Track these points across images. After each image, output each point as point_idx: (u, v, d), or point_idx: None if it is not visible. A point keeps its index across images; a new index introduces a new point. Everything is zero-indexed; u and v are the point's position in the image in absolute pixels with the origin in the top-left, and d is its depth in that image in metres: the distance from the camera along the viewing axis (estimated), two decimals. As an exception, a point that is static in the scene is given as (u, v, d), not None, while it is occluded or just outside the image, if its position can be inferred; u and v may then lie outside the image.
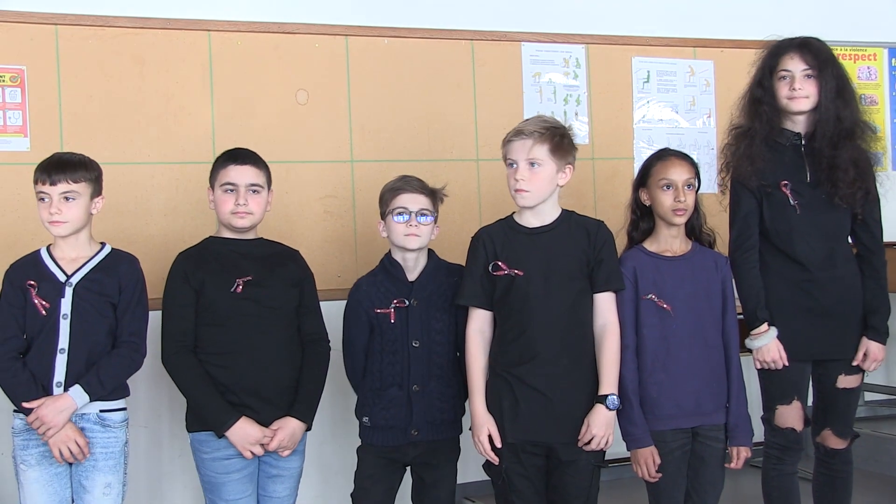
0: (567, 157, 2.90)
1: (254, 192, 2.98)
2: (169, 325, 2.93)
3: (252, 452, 2.86)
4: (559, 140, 2.88)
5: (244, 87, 3.98)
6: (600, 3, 4.61)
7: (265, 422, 2.90)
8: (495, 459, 2.85)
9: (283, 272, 3.02)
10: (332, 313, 3.20)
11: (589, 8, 4.58)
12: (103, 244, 2.97)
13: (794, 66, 3.01)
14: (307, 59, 4.07)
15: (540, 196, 2.88)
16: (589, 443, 2.82)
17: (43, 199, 2.85)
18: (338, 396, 3.77)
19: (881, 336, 3.07)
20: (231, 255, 2.98)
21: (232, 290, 2.91)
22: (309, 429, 2.99)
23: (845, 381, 3.09)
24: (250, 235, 3.04)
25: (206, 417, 2.89)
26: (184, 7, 3.91)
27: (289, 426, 2.91)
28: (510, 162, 2.88)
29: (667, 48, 4.65)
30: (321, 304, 3.35)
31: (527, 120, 2.98)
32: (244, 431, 2.85)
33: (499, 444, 2.84)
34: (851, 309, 3.07)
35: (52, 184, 2.83)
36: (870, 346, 3.07)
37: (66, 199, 2.84)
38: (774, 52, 3.07)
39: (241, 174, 2.97)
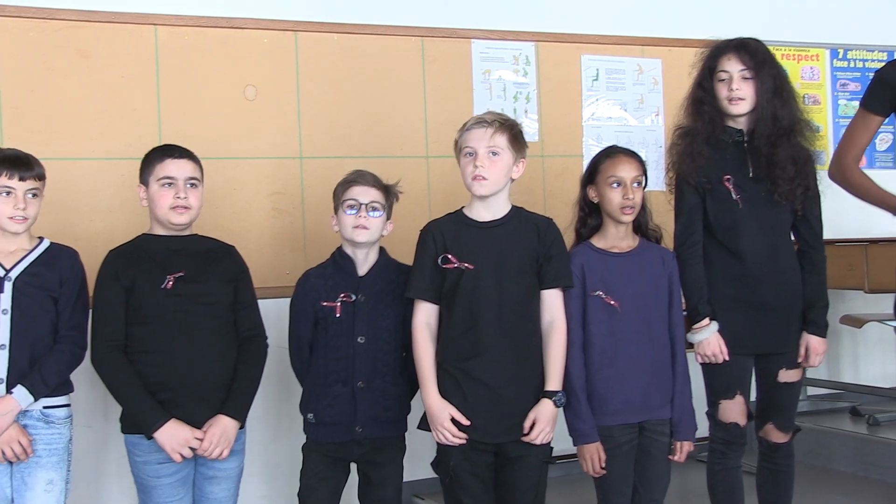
0: (522, 150, 2.93)
1: (192, 185, 2.95)
2: (98, 324, 2.88)
3: (182, 455, 2.82)
4: (517, 132, 2.92)
5: (192, 82, 3.94)
6: (550, 0, 4.63)
7: (198, 420, 2.85)
8: (464, 438, 2.81)
9: (217, 268, 2.98)
10: (281, 310, 3.19)
11: (539, 5, 4.61)
12: (41, 238, 2.93)
13: (732, 66, 3.05)
14: (256, 54, 4.04)
15: (497, 185, 2.88)
16: (529, 434, 2.82)
17: (8, 194, 2.81)
18: (283, 394, 3.76)
19: (821, 330, 3.12)
20: (164, 251, 2.93)
21: (163, 286, 2.87)
22: (242, 427, 2.95)
23: (786, 376, 3.14)
24: (185, 232, 2.99)
25: (136, 419, 2.85)
26: (129, 0, 3.86)
27: (220, 424, 2.86)
28: (468, 151, 2.88)
29: (616, 46, 4.69)
30: (270, 301, 3.35)
31: (483, 113, 2.98)
32: (173, 433, 2.81)
33: (465, 422, 2.80)
34: (792, 303, 3.11)
35: (22, 179, 2.81)
36: (810, 341, 3.12)
37: (33, 195, 2.84)
38: (713, 54, 3.10)
39: (180, 168, 2.93)
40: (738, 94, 3.04)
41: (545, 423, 2.83)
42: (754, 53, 3.05)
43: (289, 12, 4.11)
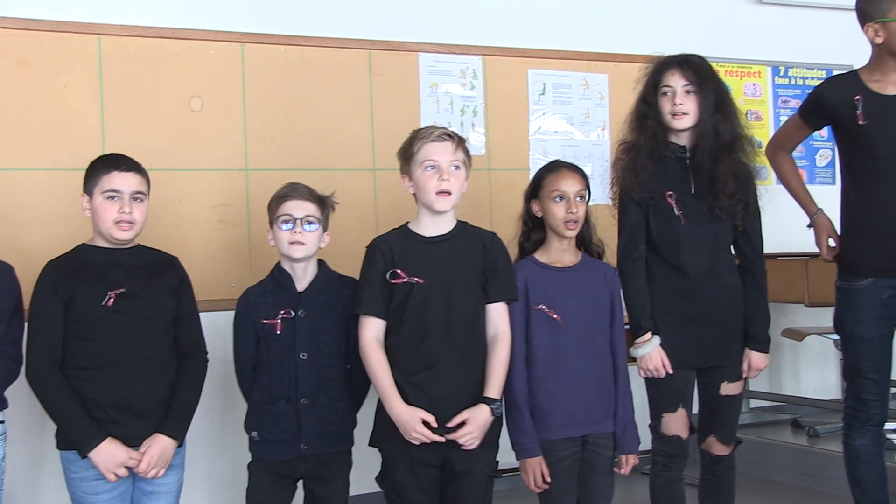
0: (470, 166, 2.96)
1: (137, 199, 2.89)
2: (35, 339, 2.81)
3: (116, 475, 2.76)
4: (467, 149, 2.96)
5: (136, 92, 3.90)
6: (497, 15, 4.67)
7: (137, 438, 2.80)
8: (442, 438, 2.78)
9: (159, 282, 2.93)
10: (226, 324, 3.16)
11: (486, 20, 4.63)
12: None
13: (675, 82, 3.09)
14: (201, 65, 4.02)
15: (457, 200, 2.91)
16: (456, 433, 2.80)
17: None
18: (227, 408, 3.72)
19: (762, 345, 3.16)
20: (105, 264, 2.88)
21: (103, 303, 2.82)
22: (181, 445, 2.90)
23: (728, 389, 3.17)
24: (127, 244, 2.94)
25: (70, 437, 2.79)
26: (72, 9, 3.81)
27: (158, 444, 2.81)
28: (431, 164, 2.87)
29: (562, 61, 4.73)
30: (215, 314, 3.31)
31: (432, 126, 2.98)
32: (108, 453, 2.75)
33: (435, 424, 2.78)
34: (734, 318, 3.15)
35: None
36: (752, 356, 3.15)
37: None
38: (657, 69, 3.14)
39: (126, 181, 2.87)
40: (681, 108, 3.08)
41: (475, 427, 2.81)
42: (697, 69, 3.09)
43: (235, 24, 4.09)
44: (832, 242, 3.33)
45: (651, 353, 3.08)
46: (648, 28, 4.93)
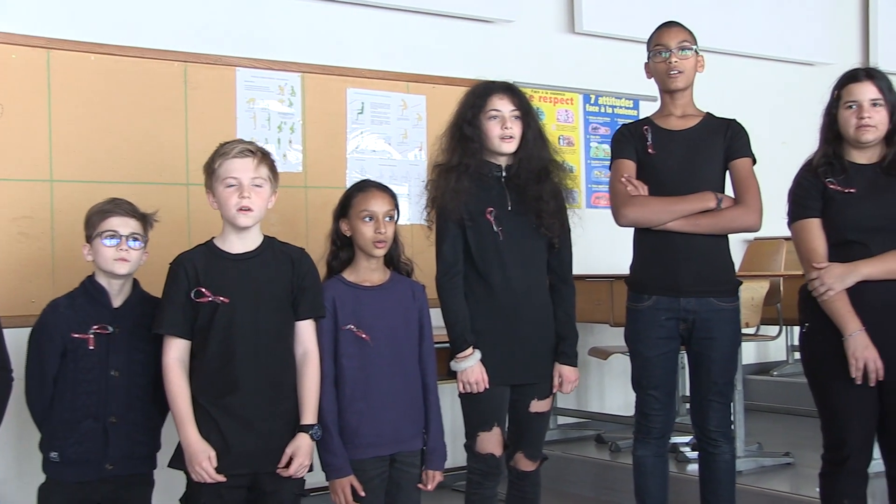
0: (277, 180, 2.95)
1: None
2: None
3: None
4: (273, 162, 2.94)
5: (-72, 96, 3.70)
6: (317, 33, 4.68)
7: None
8: (222, 478, 2.75)
9: None
10: (25, 341, 3.02)
11: (305, 37, 4.63)
12: None
13: (504, 106, 3.17)
14: (2, 70, 3.84)
15: (260, 216, 2.89)
16: (287, 468, 2.82)
17: None
18: (24, 430, 3.55)
19: (571, 360, 3.26)
20: None
21: None
22: None
23: (537, 406, 3.25)
24: None
25: None
26: None
27: None
28: (232, 182, 2.84)
29: (381, 81, 4.78)
30: (14, 330, 3.15)
31: (235, 141, 2.96)
32: None
33: (220, 477, 2.75)
34: (545, 335, 3.24)
35: None
36: (563, 371, 3.25)
37: None
38: (483, 93, 3.20)
39: None
40: (509, 132, 3.16)
41: (303, 457, 2.84)
42: (521, 97, 3.21)
43: (41, 29, 3.94)
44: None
45: (472, 366, 3.13)
46: (466, 52, 5.05)
